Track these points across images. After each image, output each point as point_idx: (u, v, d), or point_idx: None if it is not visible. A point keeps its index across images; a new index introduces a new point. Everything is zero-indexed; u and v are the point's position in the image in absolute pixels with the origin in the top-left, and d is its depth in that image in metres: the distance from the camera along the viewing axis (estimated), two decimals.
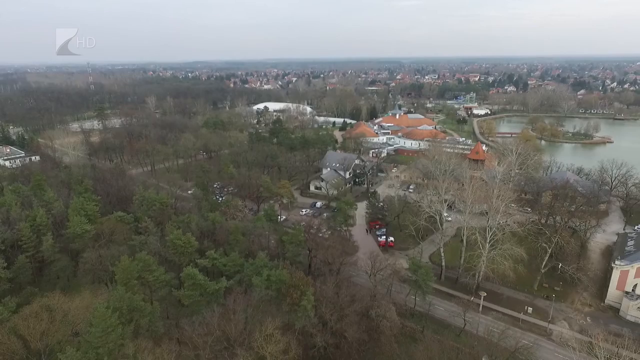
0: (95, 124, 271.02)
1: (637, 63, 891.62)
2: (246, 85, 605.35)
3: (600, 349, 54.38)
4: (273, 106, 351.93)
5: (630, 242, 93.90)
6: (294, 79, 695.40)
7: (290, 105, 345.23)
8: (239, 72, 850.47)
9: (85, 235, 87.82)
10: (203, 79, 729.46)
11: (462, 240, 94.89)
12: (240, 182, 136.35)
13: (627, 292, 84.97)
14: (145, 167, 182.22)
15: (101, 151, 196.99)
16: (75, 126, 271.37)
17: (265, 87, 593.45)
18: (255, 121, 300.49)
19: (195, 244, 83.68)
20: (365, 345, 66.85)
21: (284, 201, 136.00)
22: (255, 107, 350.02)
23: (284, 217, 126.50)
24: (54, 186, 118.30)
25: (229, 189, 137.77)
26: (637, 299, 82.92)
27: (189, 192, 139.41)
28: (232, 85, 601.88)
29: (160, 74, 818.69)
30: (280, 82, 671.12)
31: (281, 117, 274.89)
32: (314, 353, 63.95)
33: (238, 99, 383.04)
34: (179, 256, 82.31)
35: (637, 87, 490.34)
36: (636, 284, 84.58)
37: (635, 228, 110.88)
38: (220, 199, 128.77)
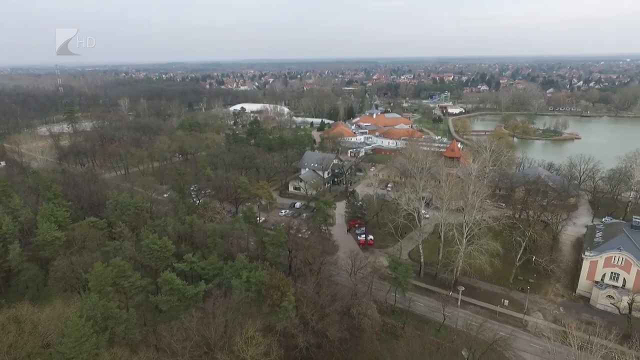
0: (65, 127, 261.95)
1: (601, 63, 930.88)
2: (222, 87, 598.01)
3: (573, 337, 56.14)
4: (250, 107, 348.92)
5: (599, 234, 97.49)
6: (271, 80, 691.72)
7: (267, 106, 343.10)
8: (215, 73, 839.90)
9: (55, 243, 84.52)
10: (178, 80, 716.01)
11: (440, 237, 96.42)
12: (217, 184, 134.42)
13: (596, 282, 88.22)
14: (119, 171, 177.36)
15: (72, 155, 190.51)
16: (43, 130, 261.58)
17: (242, 88, 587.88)
18: (232, 122, 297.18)
19: (172, 247, 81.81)
20: (347, 344, 66.89)
21: (263, 202, 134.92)
22: (232, 108, 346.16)
23: (263, 218, 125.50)
24: (20, 192, 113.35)
25: (207, 191, 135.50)
26: (605, 288, 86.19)
27: (165, 195, 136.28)
28: (208, 86, 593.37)
29: (133, 76, 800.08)
30: (257, 83, 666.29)
31: (258, 118, 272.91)
32: (295, 354, 63.54)
33: (214, 100, 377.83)
34: (155, 261, 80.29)
35: (601, 85, 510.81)
36: (605, 274, 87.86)
37: (603, 220, 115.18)
38: (198, 201, 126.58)
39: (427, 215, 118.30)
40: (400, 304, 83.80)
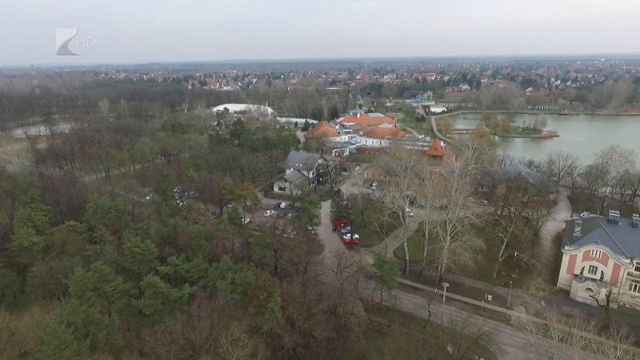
0: (42, 129, 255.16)
1: (577, 62, 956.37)
2: (205, 87, 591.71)
3: (554, 329, 57.42)
4: (233, 107, 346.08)
5: (578, 228, 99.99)
6: (254, 80, 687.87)
7: (251, 106, 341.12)
8: (197, 74, 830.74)
9: (33, 248, 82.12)
10: (159, 80, 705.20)
11: (424, 234, 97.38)
12: (201, 185, 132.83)
13: (576, 275, 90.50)
14: (99, 174, 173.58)
15: (49, 158, 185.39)
16: (19, 132, 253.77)
17: (225, 88, 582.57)
18: (215, 123, 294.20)
19: (155, 250, 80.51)
20: (334, 343, 66.92)
21: (248, 203, 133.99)
22: (215, 109, 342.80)
23: (248, 219, 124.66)
24: None
25: (190, 193, 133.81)
26: (584, 280, 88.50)
27: (147, 197, 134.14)
28: (190, 87, 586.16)
29: (113, 76, 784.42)
30: (240, 83, 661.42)
31: (242, 119, 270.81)
32: (282, 354, 63.25)
33: (197, 101, 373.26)
34: (138, 264, 78.90)
35: (578, 84, 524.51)
36: (584, 267, 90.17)
37: (581, 215, 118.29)
38: (181, 203, 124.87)
39: (412, 214, 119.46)
40: (386, 302, 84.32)
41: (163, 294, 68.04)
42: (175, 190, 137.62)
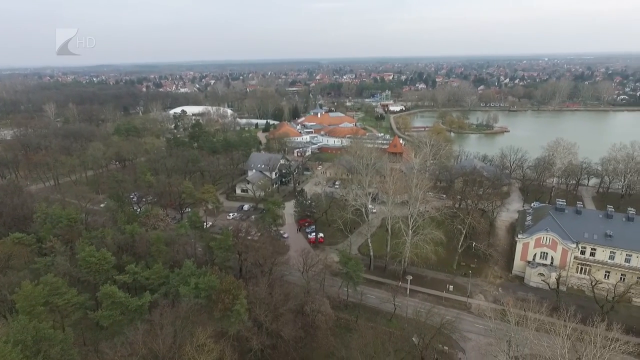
0: None
1: (524, 62, 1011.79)
2: (160, 89, 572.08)
3: (511, 314, 60.34)
4: (191, 110, 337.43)
5: (529, 218, 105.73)
6: (212, 82, 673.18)
7: (209, 108, 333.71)
8: (152, 76, 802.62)
9: None
10: (111, 83, 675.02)
11: (387, 230, 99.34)
12: (159, 190, 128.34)
13: (529, 262, 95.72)
14: (47, 182, 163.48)
15: None
16: None
17: (182, 90, 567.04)
18: (172, 126, 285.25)
19: (112, 259, 76.79)
20: (302, 342, 66.81)
21: (209, 206, 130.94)
22: (172, 112, 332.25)
23: (210, 222, 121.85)
24: None
25: (148, 199, 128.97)
26: (537, 266, 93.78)
27: (102, 205, 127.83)
28: (144, 89, 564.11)
29: (60, 79, 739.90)
30: (197, 85, 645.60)
31: (201, 121, 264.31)
32: (250, 357, 62.36)
33: (152, 104, 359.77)
34: (94, 275, 74.90)
35: (524, 82, 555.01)
36: (536, 254, 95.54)
37: (532, 205, 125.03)
38: (139, 209, 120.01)
39: (374, 210, 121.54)
40: (352, 298, 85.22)
41: (122, 303, 65.10)
42: (132, 196, 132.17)
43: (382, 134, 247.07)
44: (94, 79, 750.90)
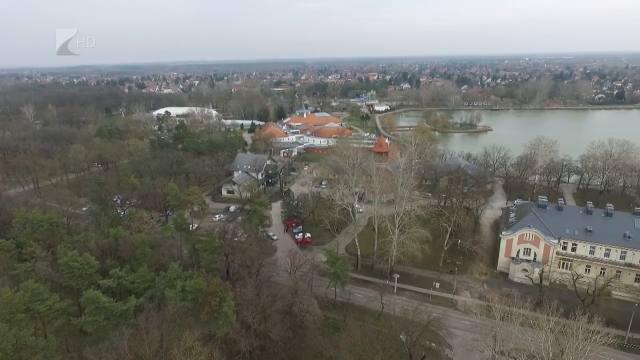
0: None
1: (505, 61, 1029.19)
2: (143, 90, 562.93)
3: (496, 310, 61.38)
4: (175, 111, 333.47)
5: (512, 215, 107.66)
6: (197, 82, 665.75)
7: (194, 109, 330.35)
8: (135, 76, 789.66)
9: None
10: (92, 84, 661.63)
11: (374, 229, 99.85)
12: (144, 192, 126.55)
13: (513, 258, 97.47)
14: (27, 186, 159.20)
15: None
16: None
17: (166, 91, 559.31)
18: (156, 127, 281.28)
19: (95, 264, 75.34)
20: (291, 343, 66.73)
21: (195, 208, 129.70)
22: (155, 113, 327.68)
23: (196, 225, 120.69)
24: None
25: (132, 201, 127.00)
26: (520, 262, 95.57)
27: (84, 208, 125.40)
28: (127, 90, 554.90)
29: (39, 80, 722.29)
30: (181, 86, 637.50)
31: (185, 122, 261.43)
32: (238, 359, 61.93)
33: (135, 105, 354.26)
34: (76, 280, 73.41)
35: (506, 81, 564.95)
36: (519, 250, 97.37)
37: (515, 202, 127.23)
38: (123, 212, 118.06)
39: (361, 209, 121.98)
40: (340, 298, 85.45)
41: (106, 308, 63.99)
42: (115, 199, 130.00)
43: (367, 134, 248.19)
44: (74, 80, 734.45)
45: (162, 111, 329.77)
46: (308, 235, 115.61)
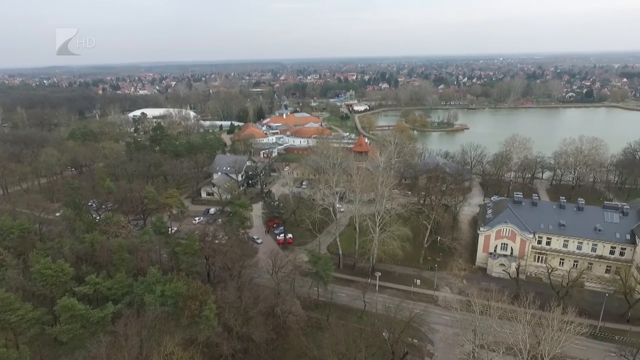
0: None
1: (480, 61, 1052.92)
2: (118, 92, 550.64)
3: (476, 304, 62.65)
4: (152, 112, 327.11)
5: (489, 211, 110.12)
6: (174, 83, 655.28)
7: (171, 110, 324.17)
8: (109, 77, 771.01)
9: None
10: (64, 86, 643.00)
11: (355, 228, 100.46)
12: (120, 196, 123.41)
13: (490, 253, 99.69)
14: None
15: None
16: None
17: (142, 92, 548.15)
18: (132, 129, 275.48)
19: (70, 271, 73.00)
20: (274, 344, 66.38)
21: (174, 211, 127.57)
22: (131, 115, 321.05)
23: (175, 228, 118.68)
24: None
25: (108, 205, 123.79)
26: (498, 257, 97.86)
27: (57, 214, 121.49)
28: (101, 91, 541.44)
29: (6, 82, 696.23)
30: (158, 87, 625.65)
31: (162, 124, 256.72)
32: None
33: (110, 107, 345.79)
34: (50, 288, 70.91)
35: (482, 81, 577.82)
36: (497, 245, 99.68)
37: (492, 199, 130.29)
38: (98, 217, 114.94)
39: (342, 209, 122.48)
40: (323, 297, 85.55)
41: (82, 316, 62.15)
42: (90, 204, 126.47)
43: (347, 134, 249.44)
44: (45, 82, 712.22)
45: (138, 113, 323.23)
46: (290, 235, 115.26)
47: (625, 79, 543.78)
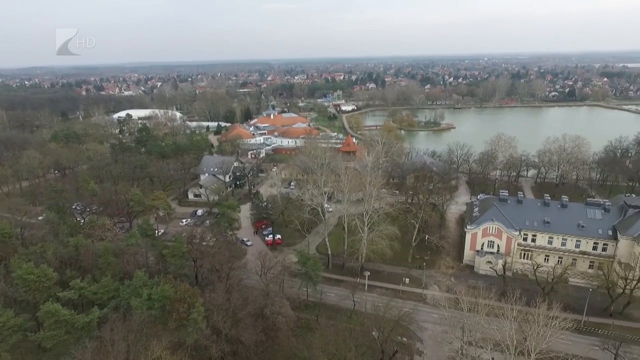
0: None
1: (466, 61, 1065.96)
2: (102, 92, 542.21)
3: (464, 302, 63.38)
4: (137, 113, 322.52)
5: (476, 209, 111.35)
6: (159, 84, 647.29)
7: (157, 111, 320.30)
8: (92, 78, 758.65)
9: None
10: (46, 86, 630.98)
11: (344, 228, 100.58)
12: (105, 199, 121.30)
13: (477, 251, 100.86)
14: None
15: None
16: None
17: (126, 93, 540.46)
18: (117, 131, 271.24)
19: (53, 275, 71.52)
20: (263, 346, 66.03)
21: (161, 214, 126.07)
22: (116, 116, 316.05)
23: (162, 230, 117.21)
24: None
25: (93, 208, 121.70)
26: (485, 255, 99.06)
27: (40, 218, 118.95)
28: (84, 92, 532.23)
29: None
30: (143, 88, 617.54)
31: (148, 125, 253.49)
32: None
33: (94, 108, 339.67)
34: (33, 293, 69.32)
35: (467, 81, 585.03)
36: (483, 243, 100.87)
37: (478, 197, 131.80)
38: (83, 220, 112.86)
39: (330, 209, 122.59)
40: (312, 298, 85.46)
41: (67, 322, 60.89)
42: (74, 207, 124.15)
43: (335, 134, 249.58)
44: (26, 83, 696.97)
45: (123, 114, 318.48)
46: (278, 236, 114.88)
47: (605, 79, 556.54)
